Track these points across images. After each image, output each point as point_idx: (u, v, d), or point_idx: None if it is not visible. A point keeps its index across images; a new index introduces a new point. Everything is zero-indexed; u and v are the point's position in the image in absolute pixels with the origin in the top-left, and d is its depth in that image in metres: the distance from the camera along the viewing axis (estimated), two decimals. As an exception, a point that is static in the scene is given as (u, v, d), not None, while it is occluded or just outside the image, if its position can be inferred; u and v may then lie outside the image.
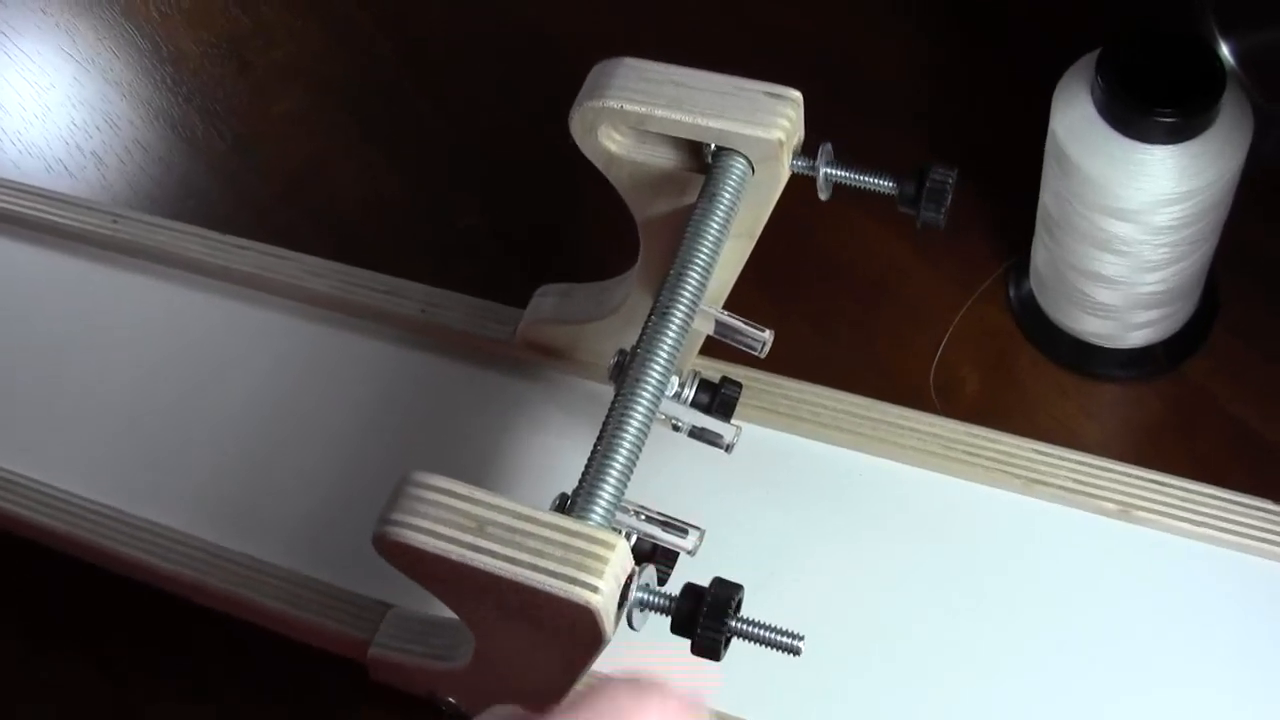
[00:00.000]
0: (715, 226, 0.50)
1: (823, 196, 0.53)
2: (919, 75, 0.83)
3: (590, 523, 0.44)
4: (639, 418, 0.47)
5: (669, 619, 0.44)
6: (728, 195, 0.51)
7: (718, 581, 0.44)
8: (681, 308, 0.49)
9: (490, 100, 0.85)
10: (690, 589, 0.44)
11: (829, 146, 0.52)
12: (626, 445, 0.46)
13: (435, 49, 0.88)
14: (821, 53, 0.83)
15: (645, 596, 0.44)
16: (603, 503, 0.45)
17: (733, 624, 0.44)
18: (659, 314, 0.48)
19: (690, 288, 0.49)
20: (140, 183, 0.84)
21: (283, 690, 0.64)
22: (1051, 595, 0.61)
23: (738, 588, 0.44)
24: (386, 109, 0.86)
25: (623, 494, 0.46)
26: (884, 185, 0.52)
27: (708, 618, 0.44)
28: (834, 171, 0.52)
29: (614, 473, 0.46)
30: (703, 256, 0.50)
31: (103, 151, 0.86)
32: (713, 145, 0.52)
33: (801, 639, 0.44)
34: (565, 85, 0.55)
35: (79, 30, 0.92)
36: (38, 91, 0.89)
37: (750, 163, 0.52)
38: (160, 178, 0.84)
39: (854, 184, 0.53)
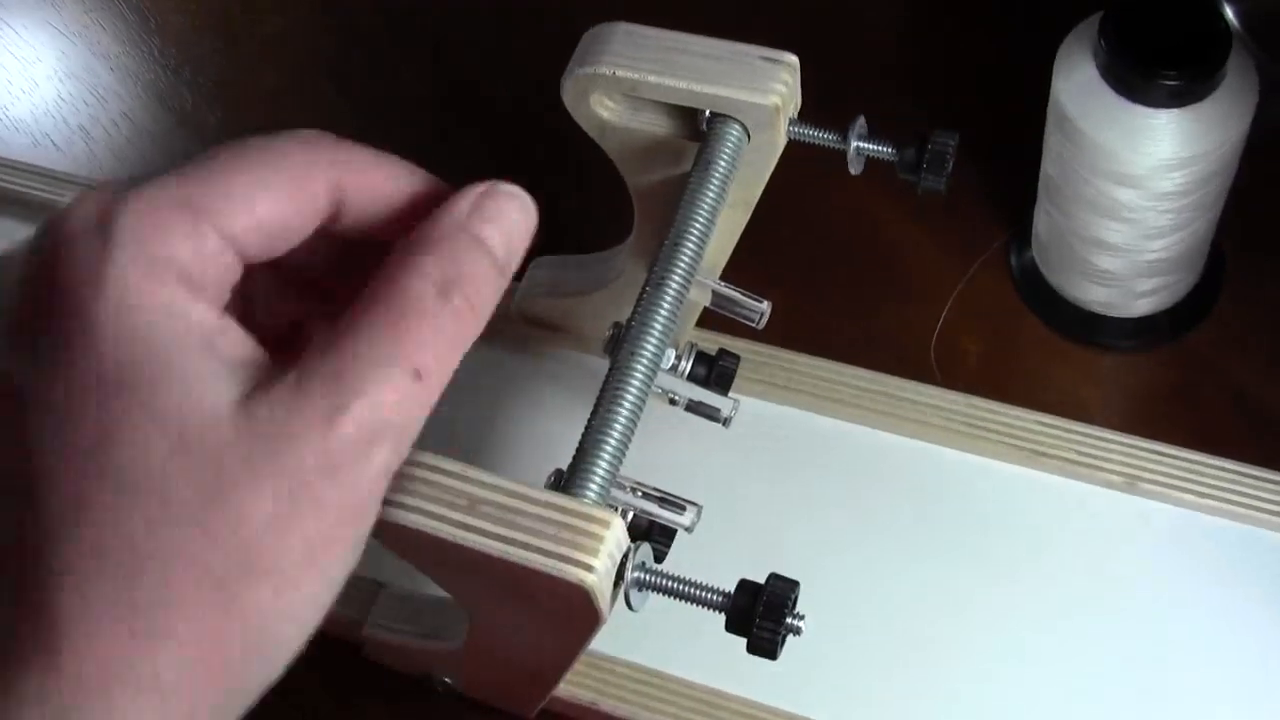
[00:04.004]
0: (711, 195, 0.49)
1: (853, 171, 0.52)
2: (916, 39, 0.81)
3: (585, 500, 0.43)
4: (634, 391, 0.46)
5: (724, 617, 0.44)
6: (723, 162, 0.50)
7: (774, 578, 0.44)
8: (676, 278, 0.48)
9: (481, 72, 0.84)
10: (745, 586, 0.44)
11: (862, 120, 0.51)
12: (621, 419, 0.45)
13: (425, 22, 0.87)
14: (815, 16, 0.82)
15: (639, 575, 0.43)
16: (597, 479, 0.44)
17: (790, 621, 0.43)
18: (653, 285, 0.47)
19: (685, 257, 0.48)
20: (128, 156, 0.83)
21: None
22: (1056, 567, 0.61)
23: (794, 584, 0.44)
24: (377, 83, 0.85)
25: (618, 469, 0.45)
26: (884, 151, 0.51)
27: (764, 616, 0.43)
28: (809, 132, 0.51)
29: (609, 448, 0.45)
30: (698, 225, 0.49)
31: (90, 125, 0.85)
32: (707, 112, 0.51)
33: (802, 618, 0.43)
34: (557, 53, 0.54)
35: (65, 2, 0.91)
36: (24, 65, 0.88)
37: (746, 129, 0.50)
38: (148, 151, 0.83)
39: (848, 149, 0.51)
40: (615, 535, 0.42)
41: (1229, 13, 0.70)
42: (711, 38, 0.51)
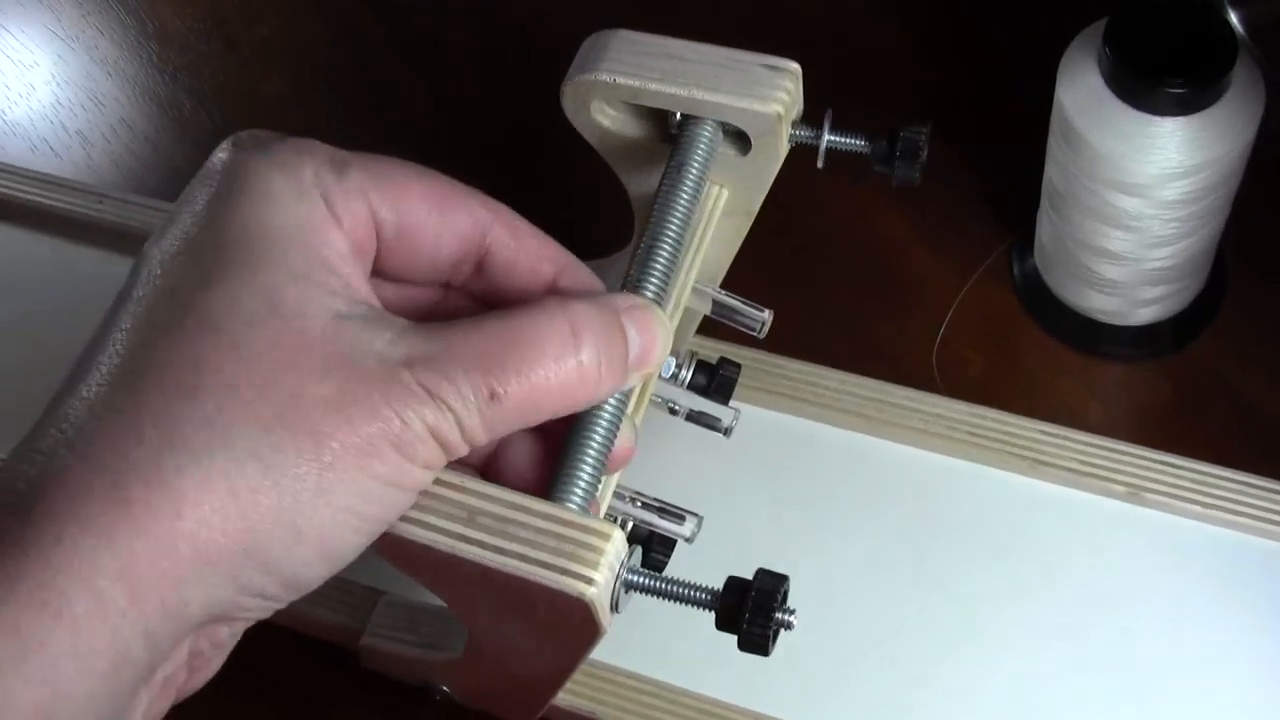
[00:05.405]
0: (685, 196, 0.49)
1: (819, 164, 0.51)
2: (917, 45, 0.81)
3: (568, 506, 0.43)
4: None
5: (714, 615, 0.43)
6: (696, 164, 0.49)
7: (762, 573, 0.43)
8: (652, 283, 0.47)
9: (479, 77, 0.84)
10: (733, 582, 0.43)
11: (831, 113, 0.50)
12: (603, 424, 0.44)
13: (422, 26, 0.87)
14: (814, 23, 0.82)
15: (628, 577, 0.43)
16: (581, 484, 0.43)
17: (780, 616, 0.42)
18: (629, 288, 0.47)
19: (660, 261, 0.47)
20: (126, 162, 0.82)
21: (269, 684, 0.63)
22: (1059, 578, 0.60)
23: (783, 579, 0.43)
24: (374, 87, 0.85)
25: (600, 474, 0.44)
26: (857, 144, 0.51)
27: (754, 612, 0.42)
28: (801, 132, 0.50)
29: (591, 453, 0.44)
30: (672, 228, 0.48)
31: (88, 130, 0.84)
32: (678, 114, 0.50)
33: (793, 613, 0.43)
34: (555, 59, 0.53)
35: (63, 7, 0.90)
36: (21, 70, 0.88)
37: (720, 129, 0.50)
38: (146, 157, 0.83)
39: (826, 145, 0.51)
40: (615, 547, 0.41)
41: (1234, 19, 0.70)
42: (713, 45, 0.50)
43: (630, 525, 0.49)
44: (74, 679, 0.35)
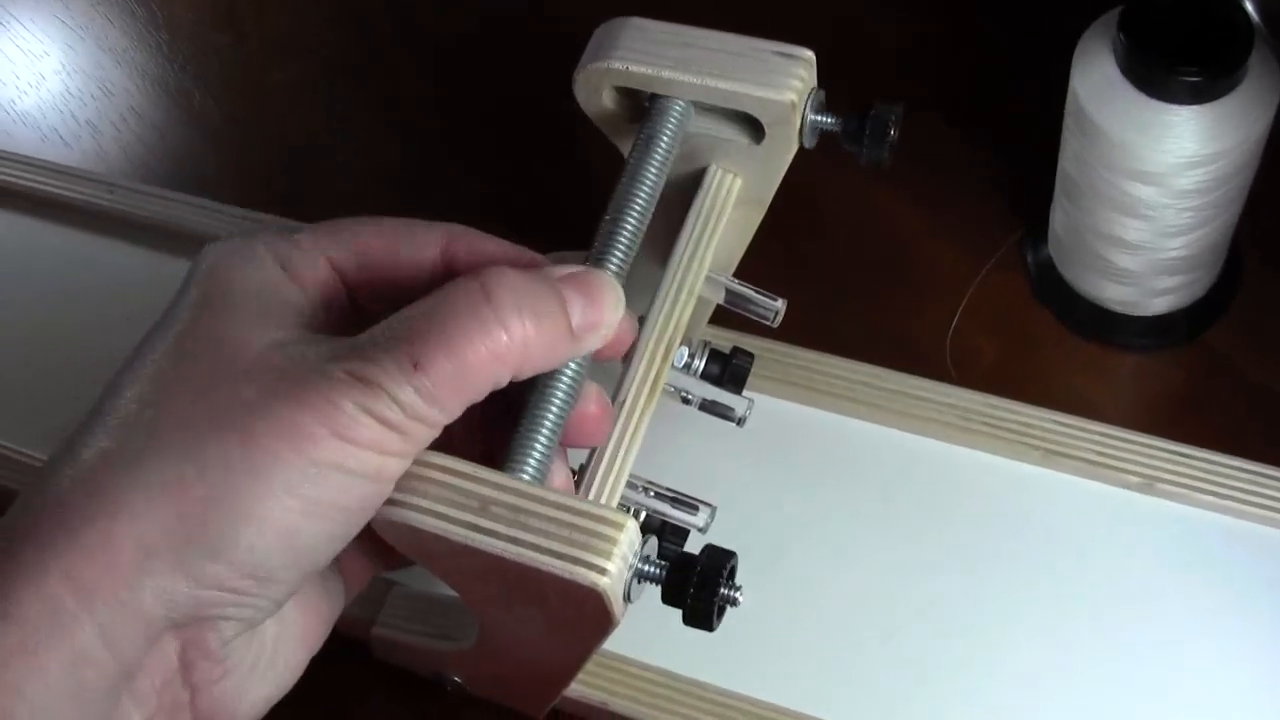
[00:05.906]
0: (650, 174, 0.48)
1: (807, 145, 0.51)
2: (930, 34, 0.81)
3: (522, 477, 0.42)
4: (571, 366, 0.45)
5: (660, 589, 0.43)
6: (664, 140, 0.49)
7: (709, 549, 0.43)
8: (615, 258, 0.47)
9: (490, 69, 0.84)
10: (680, 558, 0.43)
11: (821, 93, 0.50)
12: (556, 391, 0.44)
13: (429, 19, 0.86)
14: (824, 12, 0.81)
15: (641, 567, 0.43)
16: (535, 456, 0.43)
17: (725, 592, 0.43)
18: (591, 261, 0.47)
19: (624, 237, 0.47)
20: (135, 152, 0.82)
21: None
22: (1072, 568, 0.60)
23: (730, 554, 0.43)
24: (385, 79, 0.84)
25: (555, 443, 0.44)
26: (827, 122, 0.50)
27: (698, 587, 0.42)
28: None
29: (541, 419, 0.44)
30: (638, 203, 0.48)
31: (97, 120, 0.84)
32: (648, 92, 0.50)
33: (739, 589, 0.43)
34: (567, 50, 0.53)
35: (73, -4, 0.90)
36: (31, 60, 0.88)
37: (690, 107, 0.50)
38: (155, 147, 0.83)
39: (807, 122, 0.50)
40: (629, 537, 0.41)
41: (1250, 7, 0.69)
42: (724, 32, 0.50)
43: (643, 515, 0.49)
44: (28, 677, 0.37)
